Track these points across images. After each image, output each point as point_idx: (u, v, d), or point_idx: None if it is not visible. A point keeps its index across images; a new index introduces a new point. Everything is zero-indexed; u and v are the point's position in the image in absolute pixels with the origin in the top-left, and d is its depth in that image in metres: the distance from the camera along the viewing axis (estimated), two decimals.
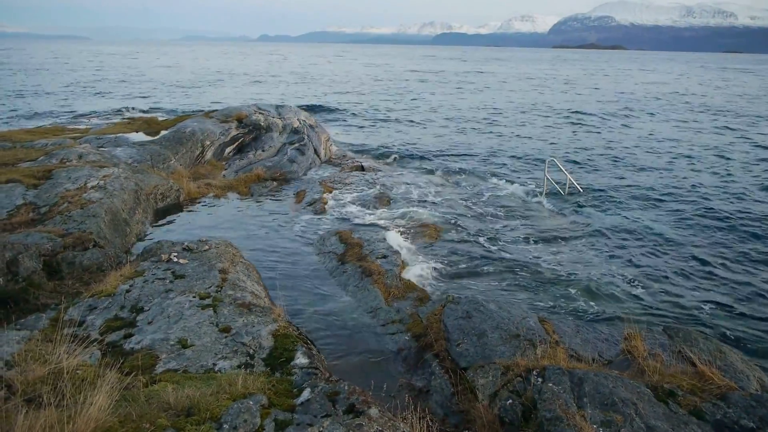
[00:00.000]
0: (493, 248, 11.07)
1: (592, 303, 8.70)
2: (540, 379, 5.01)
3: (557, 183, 16.38)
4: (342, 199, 13.96)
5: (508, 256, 10.66)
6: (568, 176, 16.03)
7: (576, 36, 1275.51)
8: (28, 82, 53.85)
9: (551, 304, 8.61)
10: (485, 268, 9.98)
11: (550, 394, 4.80)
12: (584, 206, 14.91)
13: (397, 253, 9.56)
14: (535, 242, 11.63)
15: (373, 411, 4.23)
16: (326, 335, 7.24)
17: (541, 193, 15.90)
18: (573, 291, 9.10)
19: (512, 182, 17.50)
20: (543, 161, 18.22)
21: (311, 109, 30.94)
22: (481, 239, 11.55)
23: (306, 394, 4.43)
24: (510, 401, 4.96)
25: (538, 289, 9.14)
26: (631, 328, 6.22)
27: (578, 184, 16.45)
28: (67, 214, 9.58)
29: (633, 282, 9.76)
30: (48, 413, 3.61)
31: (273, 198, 14.55)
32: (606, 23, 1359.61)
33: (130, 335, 5.53)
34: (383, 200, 13.80)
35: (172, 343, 5.31)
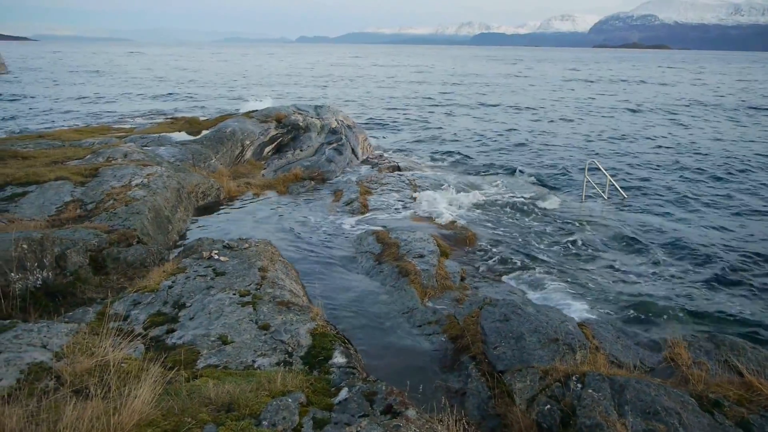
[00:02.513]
0: (531, 251, 10.97)
1: (633, 309, 8.55)
2: (579, 385, 4.95)
3: (598, 186, 16.10)
4: (379, 199, 13.99)
5: (545, 259, 10.55)
6: (610, 179, 15.74)
7: (618, 35, 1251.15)
8: (86, 84, 55.35)
9: (590, 308, 8.50)
10: (522, 270, 9.90)
11: (589, 400, 4.74)
12: (626, 210, 14.64)
13: (433, 253, 9.54)
14: (574, 246, 11.46)
15: (411, 412, 4.23)
16: (362, 334, 7.27)
17: (581, 196, 15.68)
18: (613, 296, 8.96)
19: (552, 185, 17.30)
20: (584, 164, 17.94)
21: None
22: (519, 242, 11.47)
23: (344, 393, 4.45)
24: (548, 407, 4.91)
25: (577, 294, 9.02)
26: (674, 335, 6.10)
27: (620, 187, 16.14)
28: (112, 211, 9.80)
29: (676, 289, 9.56)
30: (95, 404, 3.71)
31: (311, 197, 14.68)
32: (649, 22, 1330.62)
33: (173, 330, 5.64)
34: (419, 201, 13.79)
35: (213, 339, 5.40)
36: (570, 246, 11.46)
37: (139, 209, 9.97)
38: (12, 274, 6.41)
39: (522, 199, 15.17)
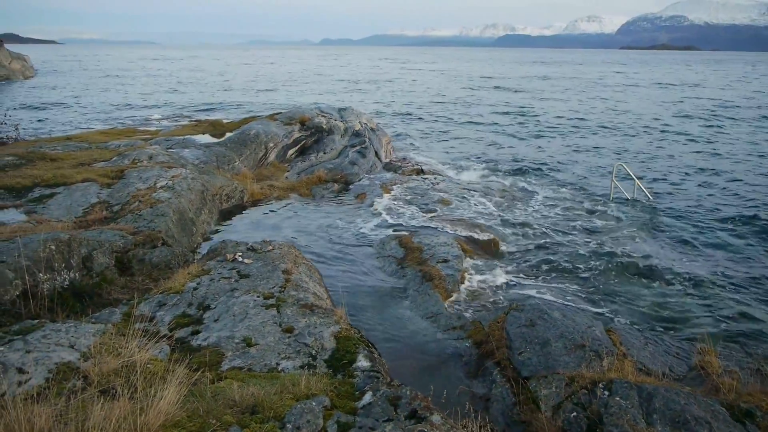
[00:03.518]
0: (556, 255, 10.85)
1: (662, 315, 8.40)
2: (606, 393, 4.88)
3: (625, 189, 15.89)
4: (402, 203, 13.96)
5: (572, 263, 10.42)
6: (637, 182, 15.53)
7: (646, 36, 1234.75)
8: (113, 86, 56.15)
9: (618, 314, 8.36)
10: (548, 275, 9.80)
11: (617, 408, 4.67)
12: (653, 214, 14.41)
13: (458, 257, 9.48)
14: (601, 250, 11.29)
15: (436, 417, 4.20)
16: (385, 339, 7.24)
17: (608, 199, 15.50)
18: (641, 301, 8.82)
19: (578, 188, 17.13)
20: (611, 166, 17.72)
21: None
22: (543, 245, 11.36)
23: (368, 397, 4.43)
24: (574, 414, 4.84)
25: (604, 299, 8.90)
26: (704, 342, 5.98)
27: (648, 190, 15.90)
28: (137, 213, 9.90)
29: (706, 295, 9.38)
30: (122, 405, 3.73)
31: (334, 200, 14.69)
32: (678, 23, 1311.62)
33: (198, 332, 5.66)
34: (443, 204, 13.73)
35: (237, 341, 5.41)
36: (596, 249, 11.30)
37: (164, 211, 10.04)
38: (40, 274, 6.49)
39: (546, 202, 15.04)
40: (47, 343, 4.68)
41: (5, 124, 20.64)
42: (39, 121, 31.58)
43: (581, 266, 10.31)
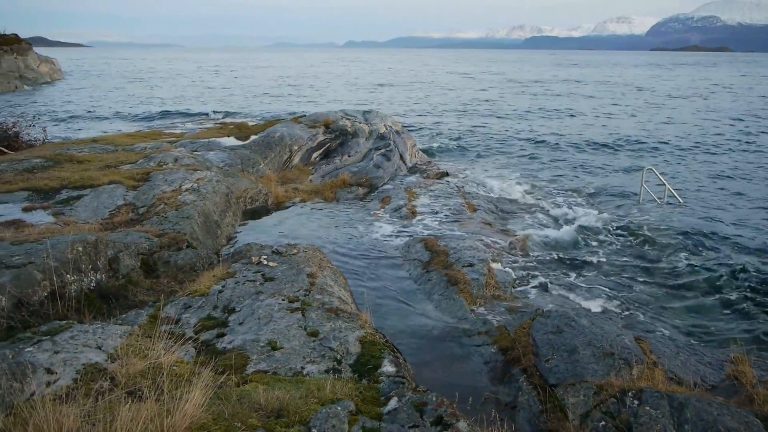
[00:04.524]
0: (586, 259, 10.72)
1: (693, 323, 8.24)
2: (636, 402, 4.77)
3: (654, 192, 15.65)
4: (427, 206, 13.90)
5: (600, 268, 10.29)
6: (668, 186, 15.30)
7: (677, 38, 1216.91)
8: (139, 88, 56.91)
9: (648, 322, 8.21)
10: (576, 279, 9.68)
11: (647, 418, 4.57)
12: (685, 218, 14.16)
13: (483, 261, 9.39)
14: (630, 254, 11.13)
15: (462, 424, 4.15)
16: (410, 343, 7.18)
17: (637, 202, 15.29)
18: (672, 310, 8.66)
19: (607, 192, 16.93)
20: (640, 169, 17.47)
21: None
22: (570, 250, 11.23)
23: (393, 403, 4.40)
24: (603, 423, 4.75)
25: (633, 306, 8.75)
26: (738, 351, 5.84)
27: (678, 194, 15.65)
28: (163, 215, 9.96)
29: (739, 302, 9.18)
30: (148, 406, 3.74)
31: (358, 203, 14.68)
32: (710, 23, 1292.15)
33: (223, 335, 5.67)
34: (469, 208, 13.65)
35: (263, 344, 5.40)
36: (625, 255, 11.14)
37: (189, 213, 10.10)
38: (68, 275, 6.55)
39: (575, 205, 14.88)
40: (75, 344, 4.71)
41: (33, 126, 20.98)
42: (63, 122, 32.07)
43: (610, 272, 10.16)
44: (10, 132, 18.68)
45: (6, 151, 16.92)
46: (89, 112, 37.58)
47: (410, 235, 11.63)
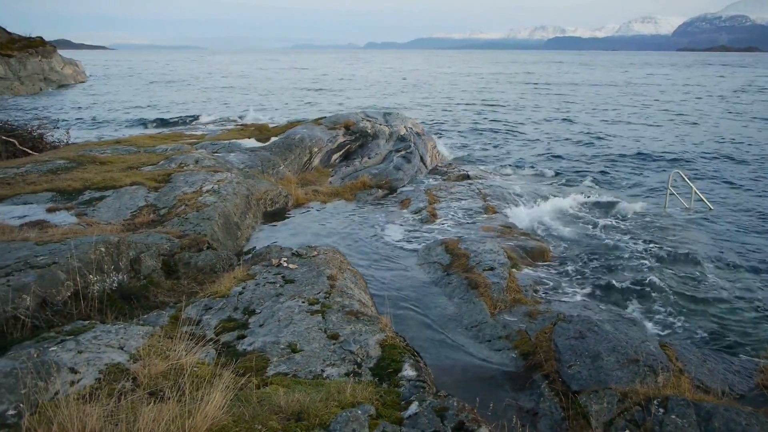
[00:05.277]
0: (609, 265, 10.56)
1: (720, 331, 8.06)
2: (662, 410, 4.69)
3: (682, 196, 15.41)
4: (447, 209, 13.84)
5: (624, 274, 10.12)
6: (695, 191, 15.02)
7: (704, 38, 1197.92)
8: (161, 91, 57.38)
9: (673, 328, 8.07)
10: (598, 285, 9.54)
11: (673, 427, 4.49)
12: (713, 224, 13.90)
13: (504, 265, 9.32)
14: (655, 261, 10.91)
15: (483, 430, 4.11)
16: (429, 347, 7.15)
17: (663, 207, 15.08)
18: (698, 317, 8.49)
19: (633, 196, 16.74)
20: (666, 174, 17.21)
21: None
22: (593, 254, 11.07)
23: (414, 407, 4.36)
24: (627, 431, 4.68)
25: (658, 312, 8.59)
26: (767, 360, 5.73)
27: (707, 199, 15.37)
28: (183, 217, 10.03)
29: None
30: (170, 407, 3.75)
31: (378, 206, 14.67)
32: (739, 23, 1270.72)
33: (243, 336, 5.68)
34: (490, 210, 13.57)
35: (283, 346, 5.40)
36: (650, 260, 10.94)
37: (210, 215, 10.16)
38: (90, 276, 6.60)
39: (599, 209, 14.72)
40: (98, 344, 4.75)
41: (57, 127, 21.26)
42: (84, 123, 32.45)
43: (633, 277, 9.98)
44: (34, 133, 18.94)
45: (30, 152, 17.17)
46: (111, 113, 37.99)
47: (430, 238, 11.59)
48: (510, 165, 21.58)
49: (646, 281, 9.81)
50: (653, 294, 9.32)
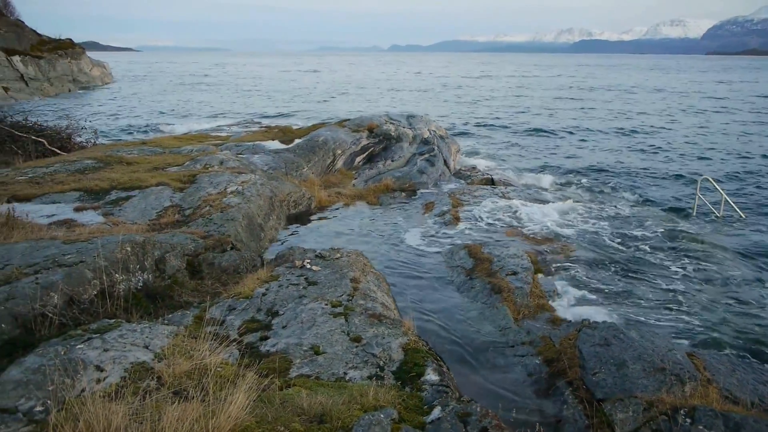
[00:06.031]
0: (633, 272, 10.40)
1: (750, 340, 7.88)
2: (688, 420, 4.61)
3: (711, 203, 15.14)
4: (471, 213, 13.78)
5: (649, 281, 9.96)
6: (725, 197, 14.72)
7: (735, 41, 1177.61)
8: (187, 92, 58.01)
9: (701, 337, 7.92)
10: (623, 291, 9.40)
11: None
12: (744, 231, 13.65)
13: (527, 270, 9.25)
14: (683, 268, 10.72)
15: None
16: (452, 351, 7.12)
17: (690, 215, 14.84)
18: (727, 326, 8.31)
19: (659, 201, 16.51)
20: (695, 180, 16.94)
21: None
22: (618, 261, 10.92)
23: (436, 412, 4.33)
24: None
25: (685, 321, 8.44)
26: None
27: (737, 205, 15.07)
28: (208, 217, 10.10)
29: None
30: (194, 407, 3.77)
31: (401, 209, 14.65)
32: None
33: (266, 338, 5.69)
34: (513, 215, 13.48)
35: (305, 348, 5.40)
36: (676, 268, 10.74)
37: (234, 216, 10.22)
38: (116, 275, 6.67)
39: (626, 215, 14.54)
40: (123, 343, 4.79)
41: (86, 128, 21.56)
42: (113, 123, 32.88)
43: (660, 285, 9.82)
44: (63, 134, 19.24)
45: (59, 152, 17.44)
46: (137, 115, 38.47)
47: (453, 242, 11.55)
48: (536, 170, 21.43)
49: (674, 289, 9.66)
50: (680, 302, 9.16)
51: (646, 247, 11.96)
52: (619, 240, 12.43)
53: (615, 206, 15.51)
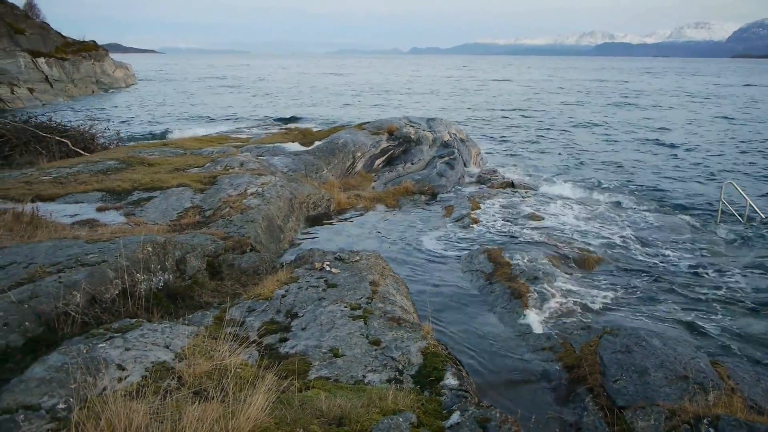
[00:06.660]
0: (655, 278, 10.25)
1: None
2: (712, 430, 4.53)
3: (735, 209, 14.91)
4: (490, 216, 13.71)
5: (672, 288, 9.81)
6: (750, 202, 14.48)
7: (761, 44, 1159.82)
8: (211, 94, 58.47)
9: (725, 346, 7.78)
10: (644, 298, 9.27)
11: None
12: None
13: (548, 275, 9.19)
14: (705, 276, 10.51)
15: None
16: (471, 356, 7.08)
17: (715, 221, 14.62)
18: (752, 334, 8.14)
19: (683, 207, 16.31)
20: (719, 185, 16.71)
21: None
22: (640, 267, 10.78)
23: (455, 417, 4.31)
24: None
25: (709, 328, 8.29)
26: None
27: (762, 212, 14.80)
28: (228, 219, 10.15)
29: None
30: (214, 407, 3.78)
31: (420, 212, 14.63)
32: None
33: (285, 339, 5.71)
34: (534, 219, 13.40)
35: (324, 351, 5.41)
36: (700, 274, 10.56)
37: (254, 217, 10.26)
38: (138, 275, 6.72)
39: (647, 220, 14.37)
40: (144, 342, 4.82)
41: (108, 129, 21.84)
42: (136, 124, 33.21)
43: (682, 292, 9.66)
44: (86, 134, 19.49)
45: (83, 152, 17.67)
46: (160, 116, 38.85)
47: (473, 245, 11.49)
48: (557, 174, 21.28)
49: (696, 295, 9.52)
50: (704, 309, 9.02)
51: (669, 253, 11.80)
52: (641, 245, 12.27)
53: (638, 211, 15.34)
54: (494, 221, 13.35)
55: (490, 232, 12.51)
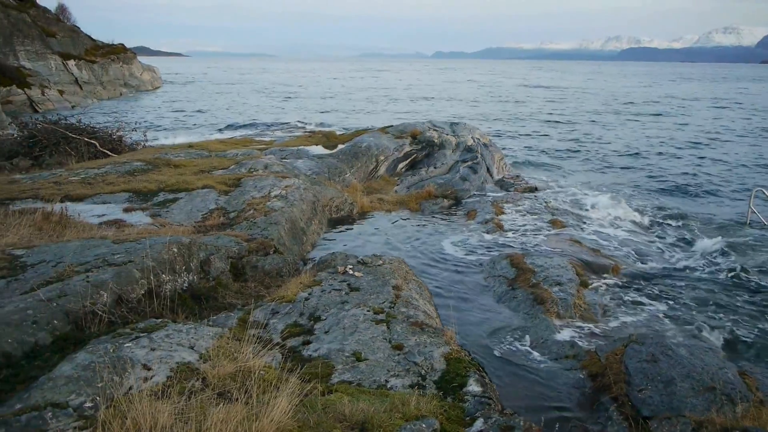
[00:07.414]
0: (682, 285, 10.09)
1: None
2: None
3: (765, 216, 14.62)
4: (513, 221, 13.64)
5: (699, 295, 9.65)
6: None
7: None
8: (237, 97, 58.96)
9: (754, 356, 7.64)
10: (672, 306, 9.13)
11: None
12: None
13: (572, 281, 9.09)
14: (734, 283, 10.31)
15: None
16: (493, 362, 7.04)
17: (744, 225, 14.36)
18: None
19: (710, 213, 16.06)
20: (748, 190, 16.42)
21: None
22: (667, 274, 10.62)
23: (479, 424, 4.28)
24: None
25: (737, 338, 8.12)
26: None
27: None
28: (252, 221, 10.21)
29: None
30: (238, 409, 3.80)
31: (443, 216, 14.58)
32: None
33: (308, 342, 5.72)
34: (558, 225, 13.29)
35: (347, 354, 5.41)
36: (729, 282, 10.35)
37: (277, 220, 10.31)
38: (163, 275, 6.79)
39: (674, 227, 14.18)
40: (170, 343, 4.87)
41: (135, 130, 22.12)
42: (162, 126, 33.60)
43: (711, 300, 9.47)
44: (114, 136, 19.76)
45: (110, 153, 17.92)
46: (185, 118, 39.27)
47: (495, 251, 11.43)
48: (582, 178, 21.09)
49: (724, 305, 9.34)
50: (732, 318, 8.85)
51: (696, 260, 11.63)
52: (669, 253, 12.11)
53: (664, 216, 15.15)
54: (517, 226, 13.27)
55: (512, 237, 12.44)
